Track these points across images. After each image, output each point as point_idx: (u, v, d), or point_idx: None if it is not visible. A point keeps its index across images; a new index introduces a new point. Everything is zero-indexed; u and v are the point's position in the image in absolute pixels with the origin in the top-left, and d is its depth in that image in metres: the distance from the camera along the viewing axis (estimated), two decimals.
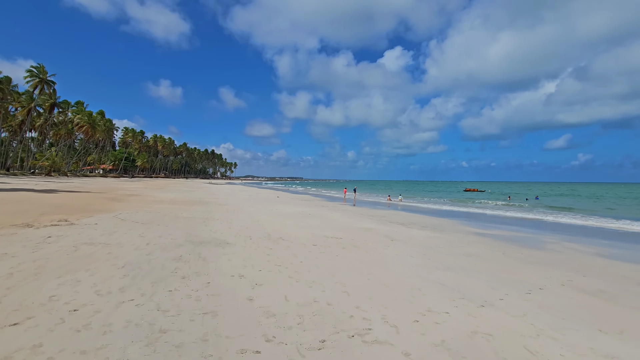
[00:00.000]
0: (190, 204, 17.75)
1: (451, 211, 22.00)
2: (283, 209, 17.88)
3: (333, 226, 11.49)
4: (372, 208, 22.32)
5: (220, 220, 11.55)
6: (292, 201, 25.62)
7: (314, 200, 28.32)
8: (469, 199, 41.36)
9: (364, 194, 48.84)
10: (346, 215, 15.71)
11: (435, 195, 51.58)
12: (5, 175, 48.05)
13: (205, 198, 23.07)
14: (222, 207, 17.10)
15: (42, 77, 52.43)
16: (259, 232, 9.40)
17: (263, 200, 24.49)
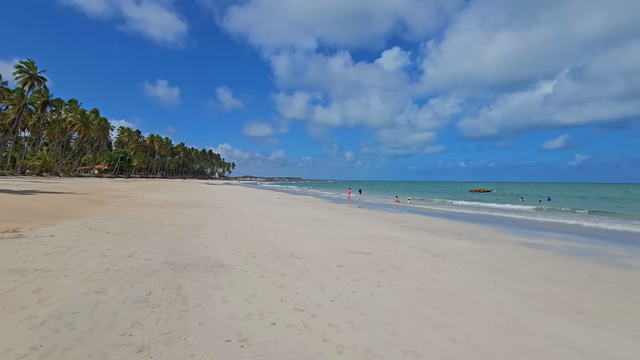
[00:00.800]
0: (183, 206, 15.68)
1: (474, 215, 20.01)
2: (287, 212, 15.85)
3: (351, 235, 9.47)
4: (383, 211, 20.31)
5: (215, 228, 9.50)
6: (295, 203, 23.59)
7: (317, 202, 26.30)
8: (479, 200, 39.44)
9: (367, 194, 46.86)
10: (360, 220, 13.69)
11: (441, 196, 49.63)
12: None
13: (200, 200, 21.01)
14: (218, 210, 15.04)
15: (32, 72, 50.19)
16: (264, 245, 7.36)
17: (263, 202, 22.44)
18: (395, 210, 20.84)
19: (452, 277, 5.38)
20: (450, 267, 6.08)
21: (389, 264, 6.08)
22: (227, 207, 16.69)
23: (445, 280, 5.17)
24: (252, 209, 16.60)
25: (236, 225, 10.22)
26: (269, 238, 8.30)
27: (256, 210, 16.33)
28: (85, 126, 62.58)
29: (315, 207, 20.59)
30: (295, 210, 17.31)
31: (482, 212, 21.97)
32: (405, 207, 25.00)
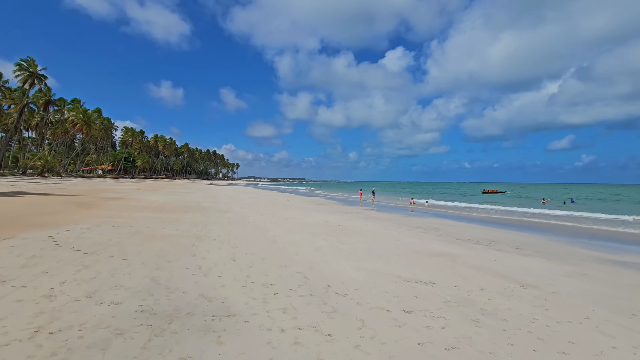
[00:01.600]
0: (182, 210, 13.81)
1: (511, 221, 17.92)
2: (301, 217, 13.90)
3: (390, 249, 7.50)
4: (405, 214, 18.29)
5: (219, 240, 7.57)
6: (306, 205, 21.65)
7: (329, 204, 24.34)
8: (497, 202, 37.21)
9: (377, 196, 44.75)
10: (387, 227, 11.71)
11: (454, 197, 47.40)
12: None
13: (202, 202, 19.16)
14: (223, 215, 13.14)
15: (32, 70, 48.83)
16: (285, 268, 5.41)
17: (271, 205, 20.53)
18: (419, 214, 18.79)
19: (599, 339, 3.37)
20: (569, 312, 4.07)
21: (476, 306, 4.09)
22: (232, 211, 14.79)
23: (597, 348, 3.17)
24: (261, 213, 14.68)
25: (245, 236, 8.28)
26: (290, 256, 6.35)
27: (265, 214, 14.40)
28: (87, 125, 61.25)
29: (329, 210, 18.63)
30: (310, 214, 15.35)
31: (517, 217, 19.82)
32: (423, 210, 22.93)
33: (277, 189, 63.00)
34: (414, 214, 19.24)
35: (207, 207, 15.91)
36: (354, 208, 21.66)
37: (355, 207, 22.59)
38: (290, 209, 18.27)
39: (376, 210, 21.12)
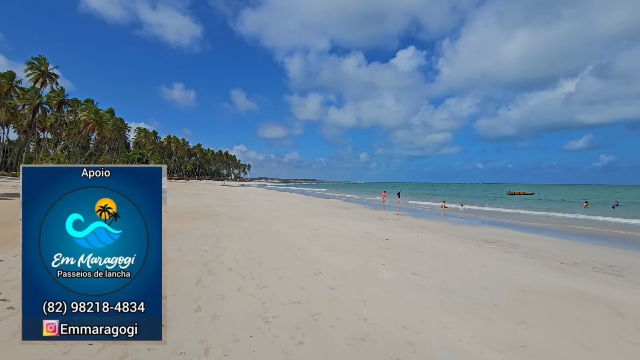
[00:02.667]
0: (190, 217, 11.53)
1: (581, 231, 15.05)
2: (332, 225, 11.43)
3: (492, 287, 4.93)
4: (445, 221, 15.58)
5: (238, 271, 5.15)
6: (329, 210, 19.18)
7: (353, 208, 21.81)
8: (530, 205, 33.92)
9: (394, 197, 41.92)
10: (447, 241, 9.11)
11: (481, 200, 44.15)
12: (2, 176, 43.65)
13: (214, 205, 16.94)
14: (239, 223, 10.79)
15: (43, 69, 48.04)
16: (360, 349, 2.93)
17: (291, 208, 18.15)
18: (464, 221, 16.03)
19: None
20: None
21: None
22: (249, 218, 12.45)
23: None
24: (283, 220, 12.29)
25: (272, 260, 5.84)
26: (354, 307, 3.86)
27: (289, 221, 12.00)
28: (99, 125, 60.45)
29: (358, 215, 16.10)
30: (341, 222, 12.86)
31: (565, 225, 16.84)
32: (459, 215, 20.11)
33: (290, 190, 60.79)
34: (458, 220, 16.51)
35: (220, 213, 13.62)
36: (383, 213, 19.07)
37: (384, 212, 19.98)
38: (314, 214, 15.83)
39: (410, 215, 18.46)
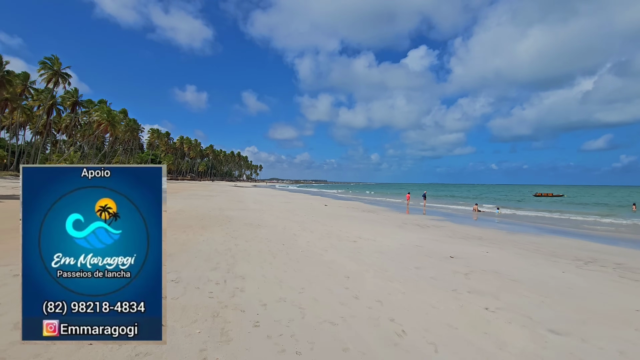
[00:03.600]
0: (199, 225, 9.63)
1: (633, 239, 12.55)
2: (370, 235, 9.34)
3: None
4: (494, 227, 13.26)
5: (267, 330, 3.14)
6: (355, 214, 17.10)
7: (379, 211, 19.67)
8: (569, 209, 30.96)
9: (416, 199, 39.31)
10: (526, 259, 6.89)
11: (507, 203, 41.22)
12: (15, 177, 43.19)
13: (227, 209, 15.08)
14: (256, 232, 8.84)
15: (55, 68, 47.56)
16: None
17: (312, 212, 16.14)
18: (519, 228, 13.63)
19: None
20: None
21: None
22: (268, 224, 10.49)
23: None
24: (309, 228, 10.28)
25: (318, 303, 3.80)
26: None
27: (316, 230, 9.97)
28: (111, 125, 59.97)
29: (390, 221, 13.97)
30: (376, 229, 10.74)
31: (626, 234, 14.23)
32: (496, 219, 17.66)
33: (304, 191, 58.90)
34: (508, 227, 14.14)
35: (233, 218, 11.71)
36: (416, 218, 16.83)
37: (415, 216, 17.74)
38: (340, 219, 13.77)
39: (446, 219, 16.16)
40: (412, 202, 30.94)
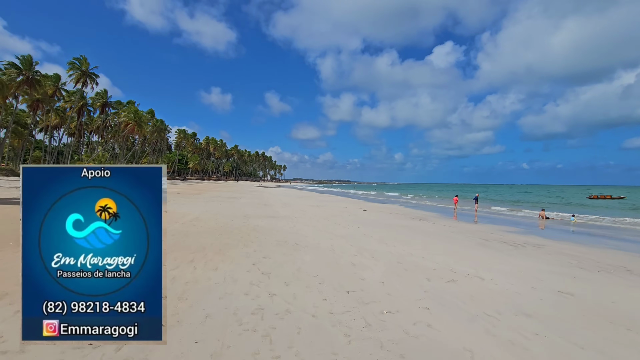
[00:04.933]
0: (216, 247, 6.92)
1: None
2: (460, 264, 6.19)
3: None
4: (582, 243, 9.64)
5: None
6: (406, 222, 13.92)
7: (430, 218, 16.34)
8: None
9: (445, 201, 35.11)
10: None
11: (559, 208, 36.16)
12: None
13: (253, 216, 12.43)
14: (297, 259, 5.95)
15: (84, 69, 47.62)
16: None
17: (356, 221, 13.13)
18: (585, 237, 9.92)
19: None
20: None
21: None
22: (308, 243, 7.62)
23: None
24: (366, 250, 7.28)
25: None
26: None
27: (378, 254, 6.94)
28: (138, 125, 59.96)
29: (460, 234, 10.68)
30: (455, 250, 7.54)
31: None
32: (570, 228, 13.75)
33: (331, 192, 55.95)
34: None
35: (261, 231, 8.96)
36: (480, 228, 13.38)
37: (478, 226, 14.27)
38: (393, 231, 10.66)
39: (524, 230, 12.58)
40: (464, 206, 27.12)
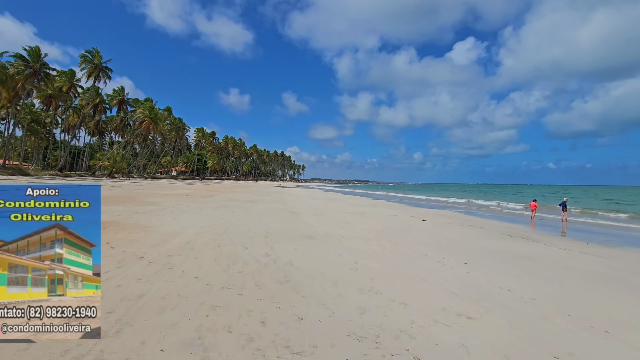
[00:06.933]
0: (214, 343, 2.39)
1: None
2: None
3: None
4: None
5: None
6: (503, 246, 8.93)
7: (530, 235, 11.28)
8: None
9: (487, 199, 29.33)
10: None
11: (626, 208, 29.50)
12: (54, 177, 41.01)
13: (278, 234, 7.88)
14: None
15: (96, 62, 45.03)
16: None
17: (437, 242, 8.29)
18: None
19: None
20: None
21: None
22: (385, 299, 2.91)
23: None
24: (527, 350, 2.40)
25: None
26: None
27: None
28: (154, 123, 57.26)
29: (590, 266, 5.65)
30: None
31: None
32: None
33: (356, 193, 50.97)
34: None
35: (301, 281, 4.32)
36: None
37: (580, 244, 9.03)
38: (517, 266, 5.71)
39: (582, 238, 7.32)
40: (547, 212, 21.53)
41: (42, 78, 37.51)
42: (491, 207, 27.43)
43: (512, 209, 25.73)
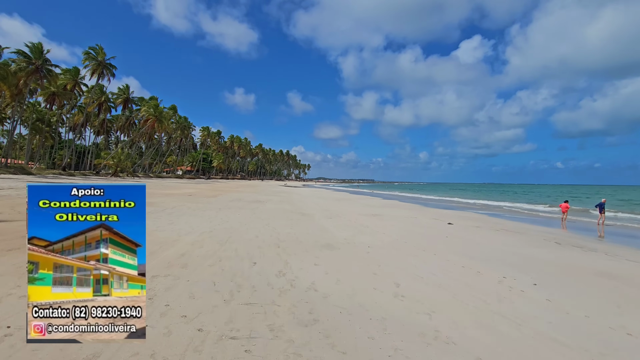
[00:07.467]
0: None
1: None
2: None
3: None
4: None
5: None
6: (546, 255, 7.44)
7: (579, 243, 9.77)
8: None
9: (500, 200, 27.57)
10: None
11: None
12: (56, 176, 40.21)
13: (292, 242, 6.56)
14: None
15: (100, 59, 44.15)
16: None
17: (469, 252, 6.87)
18: None
19: None
20: None
21: None
22: None
23: None
24: None
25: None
26: None
27: None
28: (158, 121, 56.38)
29: None
30: None
31: None
32: None
33: (365, 193, 49.49)
34: None
35: (337, 324, 2.97)
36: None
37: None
38: (597, 288, 4.24)
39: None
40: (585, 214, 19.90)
41: (45, 75, 36.67)
42: (512, 209, 25.73)
43: (536, 211, 24.06)
